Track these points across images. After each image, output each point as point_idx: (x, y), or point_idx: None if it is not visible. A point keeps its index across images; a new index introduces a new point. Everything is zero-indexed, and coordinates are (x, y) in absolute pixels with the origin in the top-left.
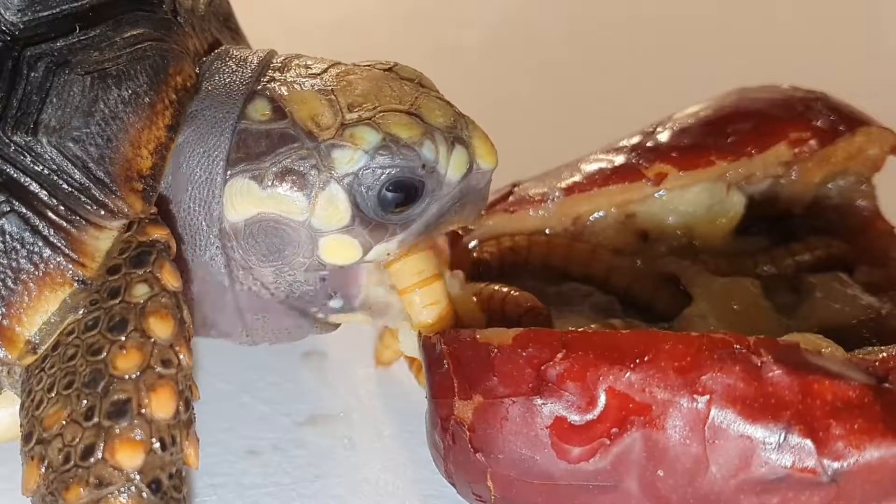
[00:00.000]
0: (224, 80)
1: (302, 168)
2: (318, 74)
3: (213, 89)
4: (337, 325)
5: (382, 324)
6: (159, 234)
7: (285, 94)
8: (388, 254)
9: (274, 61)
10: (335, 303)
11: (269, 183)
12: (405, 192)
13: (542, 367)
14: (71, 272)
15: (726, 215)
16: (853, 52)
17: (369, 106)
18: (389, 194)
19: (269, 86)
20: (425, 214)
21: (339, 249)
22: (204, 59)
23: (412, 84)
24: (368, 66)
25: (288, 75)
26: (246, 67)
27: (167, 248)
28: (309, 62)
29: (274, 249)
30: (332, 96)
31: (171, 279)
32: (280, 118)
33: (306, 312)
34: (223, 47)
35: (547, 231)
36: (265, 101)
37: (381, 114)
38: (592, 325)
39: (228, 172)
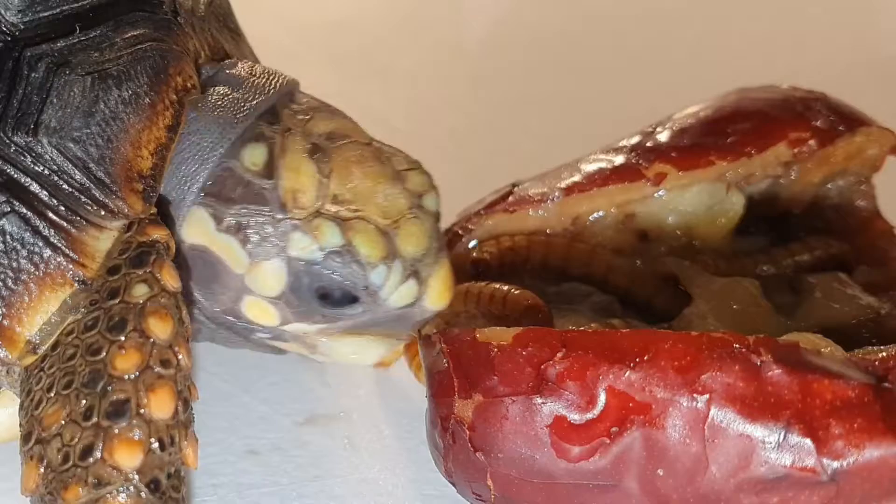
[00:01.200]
0: (225, 103)
1: (256, 230)
2: (329, 143)
3: (212, 109)
4: (280, 350)
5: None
6: (159, 234)
7: (286, 155)
8: (304, 333)
9: (297, 101)
10: (261, 334)
11: (224, 228)
12: (341, 297)
13: (542, 367)
14: (71, 272)
15: (726, 215)
16: (853, 53)
17: (353, 207)
18: (327, 293)
19: (277, 135)
20: (354, 319)
21: (259, 312)
22: (217, 64)
23: (412, 197)
24: (387, 152)
25: (305, 128)
26: (252, 97)
27: (167, 249)
28: (332, 123)
29: (204, 279)
30: (326, 179)
31: (170, 280)
32: (266, 177)
33: (239, 334)
34: (236, 60)
35: (547, 231)
36: (263, 151)
37: (357, 220)
38: (592, 325)
39: (196, 197)
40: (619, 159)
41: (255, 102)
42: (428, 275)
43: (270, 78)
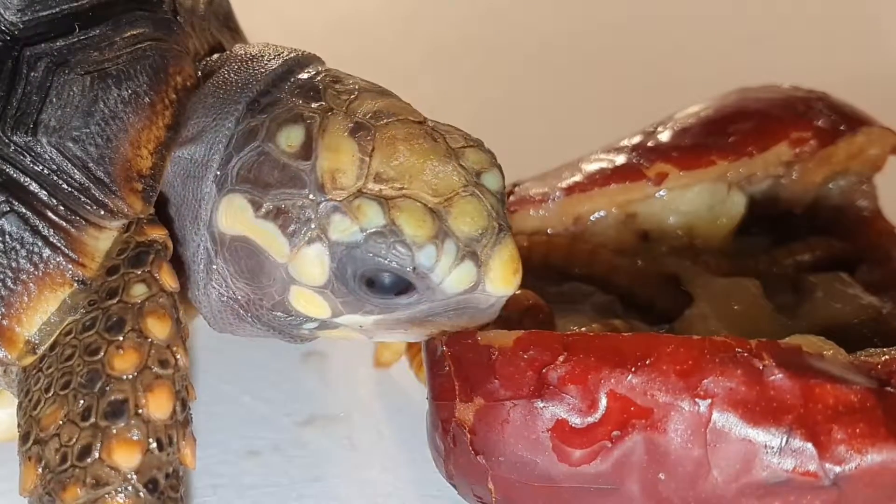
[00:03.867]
0: (226, 84)
1: (296, 215)
2: (376, 127)
3: (217, 89)
4: (315, 337)
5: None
6: (157, 234)
7: (325, 135)
8: (361, 325)
9: (343, 82)
10: (309, 325)
11: (263, 214)
12: (392, 283)
13: (544, 370)
14: (71, 272)
15: (727, 215)
16: (854, 52)
17: (397, 185)
18: (374, 279)
19: (317, 115)
20: (411, 309)
21: (308, 304)
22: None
23: (467, 175)
24: (442, 130)
25: (348, 107)
26: (256, 71)
27: (165, 249)
28: (379, 102)
29: (251, 271)
30: (368, 157)
31: (168, 280)
32: (304, 158)
33: (274, 327)
34: (238, 46)
35: (548, 231)
36: (300, 132)
37: (402, 198)
38: (593, 325)
39: (233, 186)
40: (621, 159)
41: (258, 75)
42: (488, 256)
43: (279, 52)
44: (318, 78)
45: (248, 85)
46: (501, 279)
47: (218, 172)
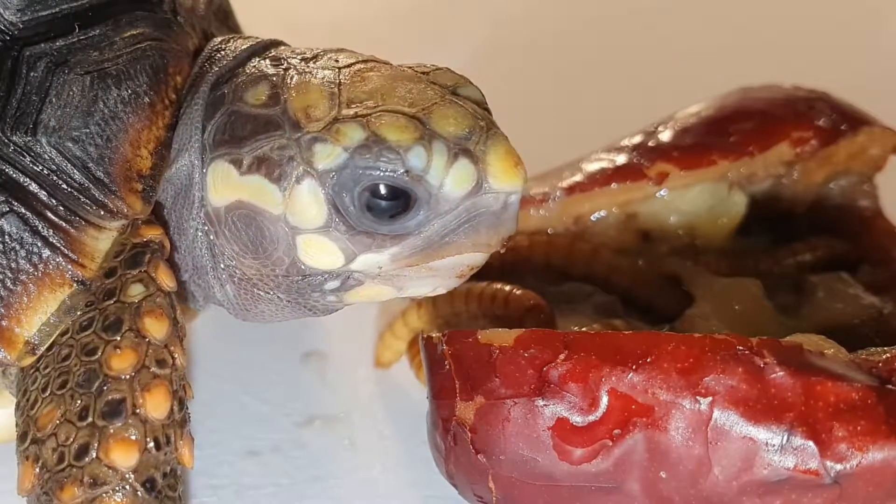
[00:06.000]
0: (201, 69)
1: (278, 158)
2: (340, 68)
3: (191, 81)
4: (342, 303)
5: (395, 292)
6: (153, 234)
7: (292, 80)
8: (380, 267)
9: (304, 49)
10: (331, 284)
11: (246, 169)
12: (392, 198)
13: (544, 369)
14: (70, 273)
15: (728, 215)
16: (855, 52)
17: (371, 104)
18: (374, 201)
19: (281, 73)
20: (423, 229)
21: (318, 252)
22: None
23: (441, 89)
24: (408, 67)
25: (310, 65)
26: (223, 55)
27: (161, 248)
28: (341, 57)
29: (254, 242)
30: (337, 90)
31: (165, 279)
32: (273, 104)
33: (297, 302)
34: (215, 39)
35: (548, 231)
36: (266, 87)
37: (379, 113)
38: (594, 326)
39: (212, 154)
40: (621, 159)
41: (224, 59)
42: (483, 152)
43: (247, 40)
44: (279, 50)
45: (214, 68)
46: (503, 171)
47: (197, 148)
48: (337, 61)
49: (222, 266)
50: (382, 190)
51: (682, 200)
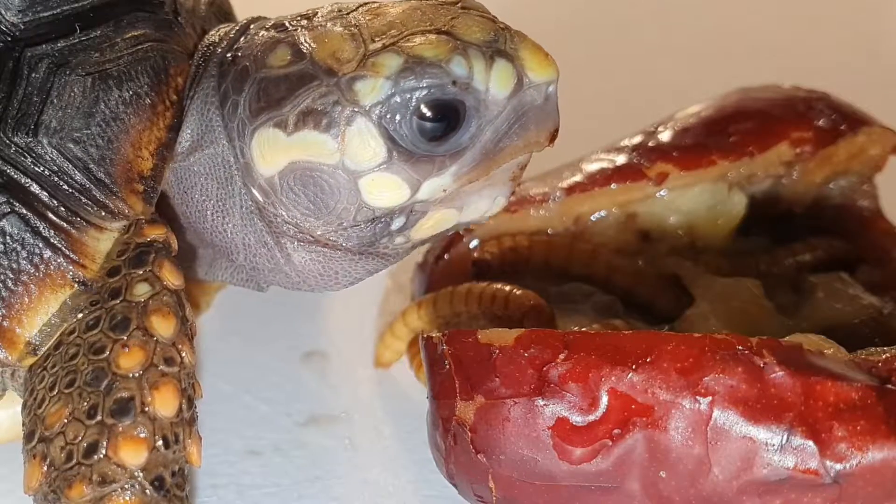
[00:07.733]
0: (197, 65)
1: (323, 106)
2: (348, 14)
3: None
4: (409, 247)
5: (461, 213)
6: (156, 233)
7: (307, 36)
8: (444, 189)
9: (290, 16)
10: (397, 223)
11: (293, 127)
12: (444, 115)
13: (544, 368)
14: (71, 273)
15: (728, 215)
16: (855, 52)
17: (395, 33)
18: (427, 123)
19: (292, 33)
20: (477, 140)
21: (383, 190)
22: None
23: (452, 7)
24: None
25: (316, 20)
26: (216, 41)
27: (166, 247)
28: (342, 6)
29: (315, 201)
30: (356, 30)
31: (171, 277)
32: (299, 60)
33: (369, 252)
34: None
35: (548, 231)
36: (286, 48)
37: (407, 37)
38: (594, 326)
39: (252, 125)
40: (621, 159)
41: (219, 43)
42: (514, 49)
43: (231, 24)
44: (270, 20)
45: (214, 53)
46: (538, 64)
47: (221, 133)
48: (340, 11)
49: (288, 236)
50: (432, 110)
51: (681, 200)
